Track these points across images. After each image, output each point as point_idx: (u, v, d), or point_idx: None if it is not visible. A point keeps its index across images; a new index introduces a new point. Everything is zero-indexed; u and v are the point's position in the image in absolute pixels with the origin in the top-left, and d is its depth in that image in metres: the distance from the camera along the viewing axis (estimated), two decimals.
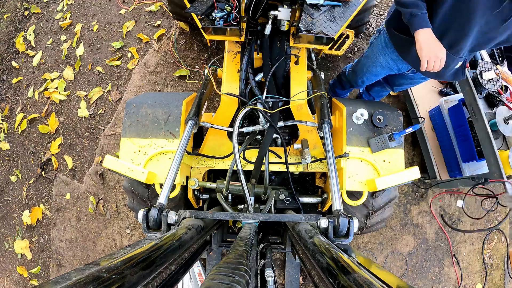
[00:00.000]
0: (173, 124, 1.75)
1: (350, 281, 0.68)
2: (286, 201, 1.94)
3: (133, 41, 3.26)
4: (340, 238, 1.24)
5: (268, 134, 1.76)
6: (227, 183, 1.78)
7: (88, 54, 3.27)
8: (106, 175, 2.93)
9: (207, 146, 1.91)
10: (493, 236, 3.00)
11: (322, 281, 0.94)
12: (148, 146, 1.72)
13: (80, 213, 2.91)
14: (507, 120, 2.08)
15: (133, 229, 2.85)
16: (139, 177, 1.62)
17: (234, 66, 1.96)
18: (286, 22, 1.82)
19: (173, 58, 3.15)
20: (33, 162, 3.09)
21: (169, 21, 3.28)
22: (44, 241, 2.94)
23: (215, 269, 0.68)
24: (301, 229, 1.22)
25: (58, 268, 2.88)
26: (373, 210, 1.83)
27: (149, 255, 0.74)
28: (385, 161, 1.73)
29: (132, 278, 0.61)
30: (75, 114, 3.12)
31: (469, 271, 2.92)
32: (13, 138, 3.19)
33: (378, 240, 2.85)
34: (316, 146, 1.92)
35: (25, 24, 3.54)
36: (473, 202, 3.00)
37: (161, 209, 1.23)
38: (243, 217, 1.33)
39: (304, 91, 1.90)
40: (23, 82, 3.32)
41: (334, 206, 1.39)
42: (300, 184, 2.57)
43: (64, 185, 2.98)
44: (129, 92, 3.09)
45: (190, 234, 1.07)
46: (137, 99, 1.84)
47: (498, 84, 2.13)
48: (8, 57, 3.44)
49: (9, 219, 3.04)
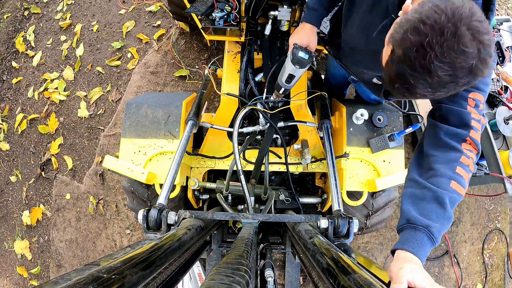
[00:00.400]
0: (173, 124, 1.74)
1: (350, 281, 0.68)
2: (286, 201, 1.94)
3: (133, 41, 3.26)
4: (340, 239, 1.24)
5: (268, 135, 1.76)
6: (227, 183, 1.78)
7: (88, 54, 3.27)
8: (106, 175, 2.93)
9: (207, 147, 1.91)
10: (493, 237, 3.00)
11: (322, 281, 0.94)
12: (148, 146, 1.72)
13: (80, 213, 2.91)
14: (507, 120, 2.08)
15: (133, 230, 2.85)
16: (139, 177, 1.62)
17: (234, 66, 1.96)
18: (286, 22, 1.82)
19: (173, 58, 3.15)
20: (33, 163, 3.09)
21: (169, 21, 3.28)
22: (44, 241, 2.94)
23: (215, 269, 0.68)
24: (301, 230, 1.22)
25: (58, 268, 2.88)
26: (373, 210, 1.83)
27: (149, 256, 0.74)
28: (385, 161, 1.73)
29: (132, 279, 0.61)
30: (75, 114, 3.12)
31: (469, 272, 2.92)
32: (13, 138, 3.19)
33: (378, 240, 2.85)
34: (316, 146, 1.92)
35: (25, 24, 3.53)
36: (473, 202, 3.00)
37: (161, 209, 1.23)
38: (243, 217, 1.33)
39: (304, 91, 1.89)
40: (23, 82, 3.31)
41: (334, 206, 1.39)
42: (300, 184, 2.57)
43: (64, 186, 2.98)
44: (129, 92, 3.09)
45: (190, 234, 1.07)
46: (137, 99, 1.84)
47: (498, 84, 2.13)
48: (8, 57, 3.43)
49: (9, 219, 3.04)
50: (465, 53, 0.74)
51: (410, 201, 0.96)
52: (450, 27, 0.73)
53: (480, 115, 1.00)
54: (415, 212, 0.92)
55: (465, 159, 0.97)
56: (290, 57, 1.35)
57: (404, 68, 0.80)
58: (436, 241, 0.89)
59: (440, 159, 0.99)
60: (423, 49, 0.75)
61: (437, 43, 0.73)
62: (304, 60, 1.33)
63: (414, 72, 0.79)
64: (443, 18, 0.73)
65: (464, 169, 0.96)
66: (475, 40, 0.74)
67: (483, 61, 0.76)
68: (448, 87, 0.80)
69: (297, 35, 1.42)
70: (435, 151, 1.01)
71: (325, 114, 1.76)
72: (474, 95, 1.00)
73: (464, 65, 0.75)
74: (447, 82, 0.79)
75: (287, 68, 1.41)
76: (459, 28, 0.72)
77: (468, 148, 0.99)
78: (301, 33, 1.41)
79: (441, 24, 0.73)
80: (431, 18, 0.74)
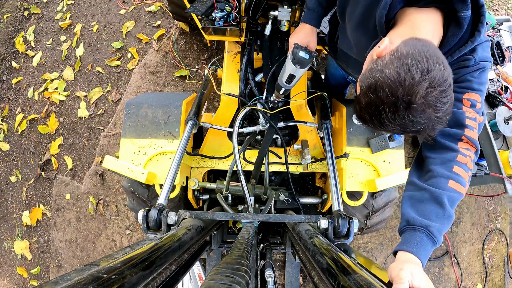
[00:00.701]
0: (173, 125, 1.74)
1: (350, 281, 0.68)
2: (286, 201, 1.94)
3: (133, 41, 3.26)
4: (340, 239, 1.24)
5: (268, 135, 1.76)
6: (227, 183, 1.78)
7: (88, 54, 3.27)
8: (106, 175, 2.93)
9: (207, 147, 1.91)
10: (493, 237, 3.00)
11: (322, 281, 0.94)
12: (148, 146, 1.72)
13: (80, 213, 2.91)
14: (507, 121, 2.08)
15: (133, 230, 2.85)
16: (139, 177, 1.62)
17: (234, 67, 1.96)
18: (286, 22, 1.82)
19: (173, 58, 3.15)
20: (33, 163, 3.09)
21: (169, 22, 3.28)
22: (44, 241, 2.94)
23: (215, 270, 0.68)
24: (301, 230, 1.22)
25: (58, 268, 2.88)
26: (373, 210, 1.83)
27: (149, 256, 0.74)
28: (385, 162, 1.73)
29: (132, 279, 0.61)
30: (75, 114, 3.12)
31: (469, 272, 2.92)
32: (13, 138, 3.19)
33: (378, 240, 2.85)
34: (316, 147, 1.92)
35: (25, 24, 3.53)
36: (473, 202, 3.00)
37: (161, 209, 1.23)
38: (243, 217, 1.33)
39: (304, 91, 1.89)
40: (23, 83, 3.31)
41: (334, 206, 1.39)
42: (300, 184, 2.57)
43: (64, 186, 2.98)
44: (129, 93, 3.09)
45: (190, 234, 1.06)
46: (137, 100, 1.84)
47: (498, 85, 2.13)
48: (8, 57, 3.43)
49: (9, 219, 3.04)
50: (414, 122, 0.81)
51: (410, 204, 0.98)
52: (404, 102, 0.78)
53: (476, 114, 1.01)
54: (414, 214, 0.94)
55: (462, 157, 0.98)
56: (291, 57, 1.35)
57: (365, 114, 0.87)
58: (437, 241, 0.89)
59: (437, 160, 1.01)
60: (378, 110, 0.82)
61: (390, 111, 0.80)
62: (305, 60, 1.33)
63: (372, 121, 0.87)
64: (400, 92, 0.78)
65: (462, 168, 0.97)
66: (426, 113, 0.80)
67: (434, 124, 0.83)
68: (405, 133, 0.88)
69: (297, 35, 1.42)
70: (431, 153, 1.03)
71: (325, 114, 1.76)
72: (469, 95, 1.02)
73: (413, 130, 0.83)
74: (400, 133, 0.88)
75: (288, 68, 1.41)
76: (412, 104, 0.78)
77: (465, 146, 1.00)
78: (301, 33, 1.41)
79: (396, 96, 0.78)
80: (390, 87, 0.79)
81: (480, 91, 1.02)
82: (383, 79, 0.80)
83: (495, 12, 3.58)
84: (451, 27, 0.96)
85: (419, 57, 0.78)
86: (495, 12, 3.58)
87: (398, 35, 0.94)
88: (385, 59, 0.84)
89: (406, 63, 0.78)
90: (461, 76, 1.02)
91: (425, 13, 0.95)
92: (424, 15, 0.95)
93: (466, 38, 0.97)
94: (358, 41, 1.25)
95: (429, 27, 0.94)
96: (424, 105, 0.78)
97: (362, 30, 1.17)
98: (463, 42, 0.98)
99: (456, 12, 0.91)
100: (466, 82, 1.02)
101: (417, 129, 0.83)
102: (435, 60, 0.79)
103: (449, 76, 0.80)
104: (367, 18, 1.09)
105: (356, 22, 1.16)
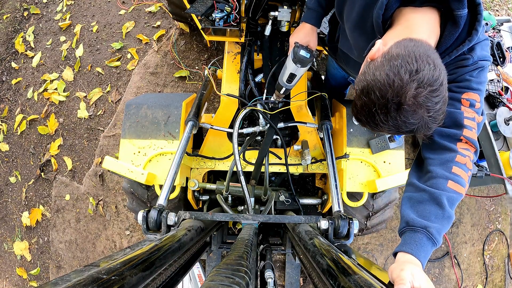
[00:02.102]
0: (173, 125, 1.74)
1: (350, 282, 0.68)
2: (286, 202, 1.93)
3: (132, 42, 3.26)
4: (340, 239, 1.24)
5: (268, 135, 1.75)
6: (227, 184, 1.78)
7: (87, 55, 3.27)
8: (105, 176, 2.92)
9: (207, 147, 1.91)
10: (493, 238, 3.00)
11: (322, 282, 0.93)
12: (147, 147, 1.72)
13: (79, 214, 2.91)
14: (508, 121, 2.08)
15: (133, 231, 2.84)
16: (139, 178, 1.62)
17: (234, 67, 1.96)
18: (286, 22, 1.82)
19: (173, 59, 3.15)
20: (32, 163, 3.09)
21: (168, 22, 3.28)
22: (43, 242, 2.93)
23: (215, 270, 0.67)
24: (301, 230, 1.22)
25: (58, 269, 2.87)
26: (373, 211, 1.83)
27: (148, 257, 0.73)
28: (386, 162, 1.72)
29: (131, 280, 0.61)
30: (74, 115, 3.12)
31: (469, 273, 2.91)
32: (13, 139, 3.18)
33: (379, 241, 2.85)
34: (316, 147, 1.92)
35: (25, 25, 3.54)
36: (474, 203, 3.00)
37: (160, 210, 1.23)
38: (243, 218, 1.32)
39: (304, 92, 1.89)
40: (22, 83, 3.31)
41: (334, 207, 1.39)
42: (300, 185, 2.57)
43: (63, 186, 2.98)
44: (129, 93, 3.09)
45: (189, 235, 1.06)
46: (137, 100, 1.84)
47: (498, 85, 2.13)
48: (7, 58, 3.43)
49: (8, 220, 3.04)
50: (407, 123, 0.82)
51: (409, 205, 0.98)
52: (394, 103, 0.80)
53: (475, 113, 1.01)
54: (413, 215, 0.94)
55: (461, 158, 0.98)
56: (292, 56, 1.35)
57: (361, 116, 0.89)
58: (437, 242, 0.89)
59: (436, 161, 1.01)
60: (372, 112, 0.84)
61: (382, 113, 0.82)
62: (306, 59, 1.33)
63: (368, 122, 0.89)
64: (389, 93, 0.80)
65: (461, 168, 0.97)
66: (418, 113, 0.80)
67: (428, 123, 0.84)
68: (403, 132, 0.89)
69: (297, 34, 1.42)
70: (430, 154, 1.03)
71: (325, 114, 1.76)
72: (467, 95, 1.01)
73: (407, 130, 0.85)
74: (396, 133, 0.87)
75: (288, 67, 1.41)
76: (402, 105, 0.79)
77: (464, 147, 1.00)
78: (302, 32, 1.41)
79: (386, 98, 0.80)
80: (380, 89, 0.80)
81: (479, 90, 1.02)
82: (374, 82, 0.82)
83: (495, 12, 3.58)
84: (447, 26, 0.96)
85: (408, 58, 0.79)
86: (495, 12, 3.58)
87: (394, 35, 0.94)
88: (377, 62, 0.85)
89: (396, 65, 0.79)
90: (460, 75, 1.02)
91: (421, 12, 0.95)
92: (420, 14, 0.95)
93: (464, 37, 0.97)
94: (356, 42, 1.25)
95: (425, 27, 0.94)
96: (415, 106, 0.79)
97: (360, 31, 1.17)
98: (460, 41, 0.98)
99: (453, 11, 0.91)
100: (465, 81, 1.02)
101: (411, 129, 0.84)
102: (425, 60, 0.79)
103: (440, 75, 0.80)
104: (364, 18, 1.09)
105: (354, 23, 1.16)
